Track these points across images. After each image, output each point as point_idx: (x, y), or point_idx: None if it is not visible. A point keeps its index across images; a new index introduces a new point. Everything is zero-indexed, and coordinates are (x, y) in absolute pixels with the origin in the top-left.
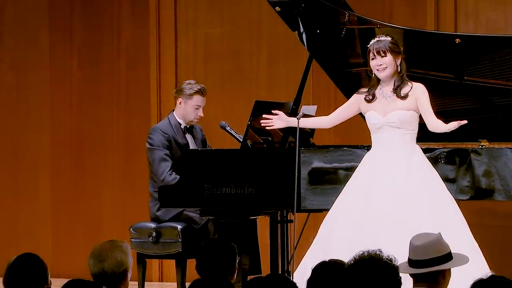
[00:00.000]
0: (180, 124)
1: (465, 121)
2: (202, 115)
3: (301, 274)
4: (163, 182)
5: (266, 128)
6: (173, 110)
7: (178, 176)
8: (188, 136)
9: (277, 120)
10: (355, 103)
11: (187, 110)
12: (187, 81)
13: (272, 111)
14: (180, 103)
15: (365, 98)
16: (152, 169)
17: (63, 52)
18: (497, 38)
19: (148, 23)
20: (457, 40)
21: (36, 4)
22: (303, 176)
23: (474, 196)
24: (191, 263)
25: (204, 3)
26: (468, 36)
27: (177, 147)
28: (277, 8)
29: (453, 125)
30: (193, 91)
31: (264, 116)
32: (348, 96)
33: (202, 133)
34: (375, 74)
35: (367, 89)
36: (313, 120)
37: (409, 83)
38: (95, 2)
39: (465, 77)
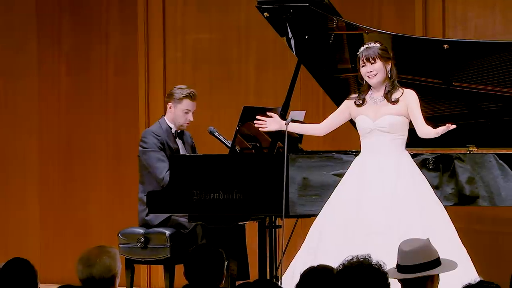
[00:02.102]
0: (171, 129)
1: (454, 126)
2: (192, 119)
3: (290, 278)
4: (163, 181)
5: (260, 129)
6: (164, 115)
7: None
8: (179, 141)
9: (271, 122)
10: (346, 108)
11: (176, 114)
12: (178, 86)
13: (267, 113)
14: (170, 107)
15: (355, 102)
16: (144, 173)
17: (51, 59)
18: (485, 44)
19: (137, 29)
20: (445, 46)
21: (24, 10)
22: (292, 182)
23: (458, 203)
24: (180, 269)
25: (192, 10)
26: (456, 41)
27: (170, 151)
28: (266, 14)
29: (442, 129)
30: (183, 95)
31: (258, 117)
32: (336, 102)
33: (192, 140)
34: (366, 81)
35: (357, 95)
36: (306, 127)
37: (400, 89)
38: (83, 8)
39: (453, 83)
